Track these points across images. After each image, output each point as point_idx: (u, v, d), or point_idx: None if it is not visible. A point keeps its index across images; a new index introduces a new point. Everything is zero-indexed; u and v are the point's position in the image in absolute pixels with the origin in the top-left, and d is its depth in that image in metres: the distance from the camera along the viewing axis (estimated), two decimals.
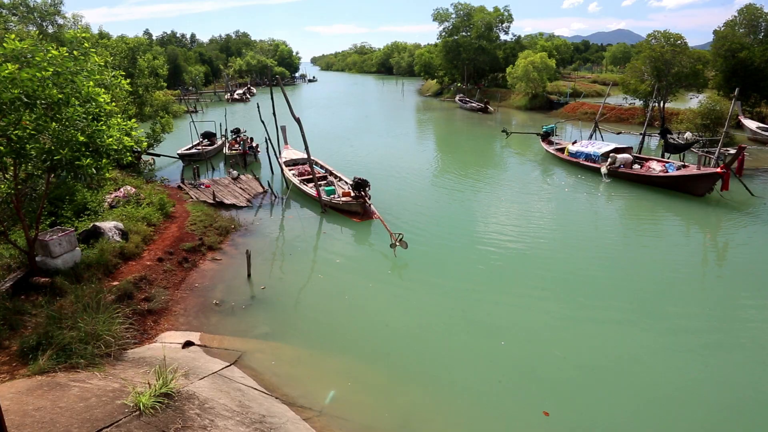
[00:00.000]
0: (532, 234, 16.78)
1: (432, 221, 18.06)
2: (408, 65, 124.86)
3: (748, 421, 8.31)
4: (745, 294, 12.94)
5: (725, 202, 20.07)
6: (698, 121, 32.16)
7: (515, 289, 12.81)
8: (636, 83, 41.32)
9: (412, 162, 27.99)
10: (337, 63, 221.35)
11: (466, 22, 67.89)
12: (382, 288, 13.04)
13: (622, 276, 13.75)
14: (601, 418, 8.31)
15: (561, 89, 60.47)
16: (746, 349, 10.36)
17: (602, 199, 21.29)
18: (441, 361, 9.88)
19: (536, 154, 30.59)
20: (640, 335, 10.77)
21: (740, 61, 40.90)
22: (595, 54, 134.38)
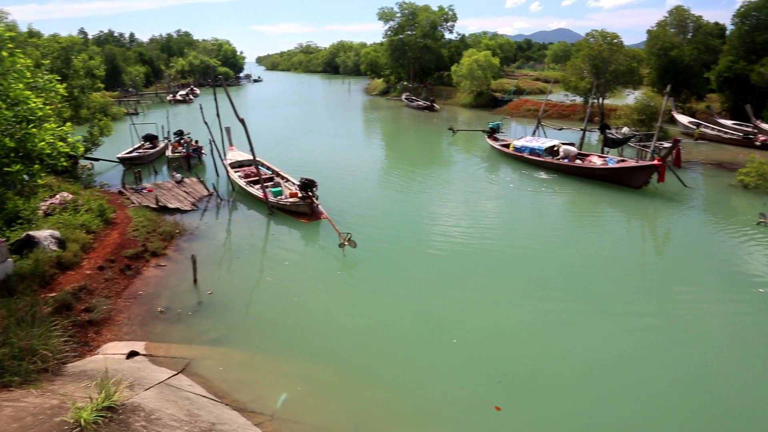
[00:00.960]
0: (480, 231, 17.05)
1: (381, 220, 18.11)
2: (354, 64, 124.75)
3: (684, 396, 8.70)
4: (681, 280, 13.56)
5: (661, 193, 20.95)
6: (635, 116, 33.48)
7: (465, 286, 12.95)
8: (576, 80, 42.67)
9: (360, 161, 28.00)
10: (283, 63, 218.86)
11: (411, 21, 68.36)
12: (331, 288, 12.96)
13: (568, 268, 14.11)
14: (552, 409, 8.49)
15: (505, 87, 61.72)
16: (683, 332, 10.82)
17: (546, 193, 21.83)
18: (393, 360, 9.89)
19: (482, 150, 31.10)
20: (588, 325, 11.10)
21: (671, 60, 42.77)
22: (537, 52, 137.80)
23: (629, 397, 8.76)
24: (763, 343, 10.50)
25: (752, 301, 12.26)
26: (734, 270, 14.08)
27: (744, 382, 9.24)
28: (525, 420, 8.24)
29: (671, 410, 8.45)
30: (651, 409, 8.46)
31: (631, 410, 8.47)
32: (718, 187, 22.84)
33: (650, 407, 8.49)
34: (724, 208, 20.20)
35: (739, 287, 13.02)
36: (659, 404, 8.58)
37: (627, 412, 8.45)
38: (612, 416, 8.37)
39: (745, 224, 17.37)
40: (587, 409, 8.48)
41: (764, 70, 35.70)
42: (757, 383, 9.20)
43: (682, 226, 18.03)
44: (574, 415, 8.32)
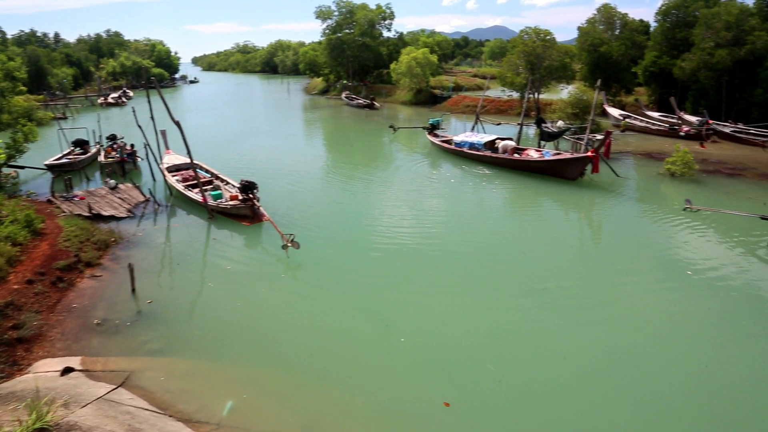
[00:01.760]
0: (423, 227, 17.19)
1: (324, 220, 17.99)
2: (293, 64, 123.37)
3: (630, 379, 9.06)
4: (618, 267, 14.13)
5: (595, 183, 21.74)
6: (569, 110, 34.57)
7: (411, 283, 13.02)
8: (512, 76, 43.66)
9: (301, 162, 27.73)
10: (220, 63, 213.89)
11: (349, 19, 68.18)
12: (276, 291, 12.78)
13: (511, 261, 14.44)
14: (500, 401, 8.64)
15: (444, 84, 62.53)
16: (623, 315, 11.29)
17: (487, 187, 22.26)
18: (341, 361, 9.84)
19: (423, 147, 31.39)
20: (532, 314, 11.38)
21: (601, 55, 44.44)
22: (474, 49, 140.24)
23: (578, 386, 9.05)
24: (696, 321, 11.15)
25: (683, 283, 12.93)
26: (666, 254, 14.80)
27: (682, 357, 9.77)
28: (473, 414, 8.35)
29: (619, 394, 8.81)
30: (598, 394, 8.79)
31: (580, 397, 8.75)
32: (647, 175, 23.92)
33: (597, 392, 8.83)
34: (654, 195, 21.16)
35: (671, 271, 13.68)
36: (606, 389, 8.93)
37: (575, 400, 8.71)
38: (560, 405, 8.60)
39: (673, 210, 18.25)
40: (535, 400, 8.68)
41: (685, 64, 37.53)
42: (695, 357, 9.76)
43: (617, 214, 18.79)
44: (522, 407, 8.51)
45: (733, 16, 35.28)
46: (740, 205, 18.15)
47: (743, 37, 34.95)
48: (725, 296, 12.28)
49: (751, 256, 14.51)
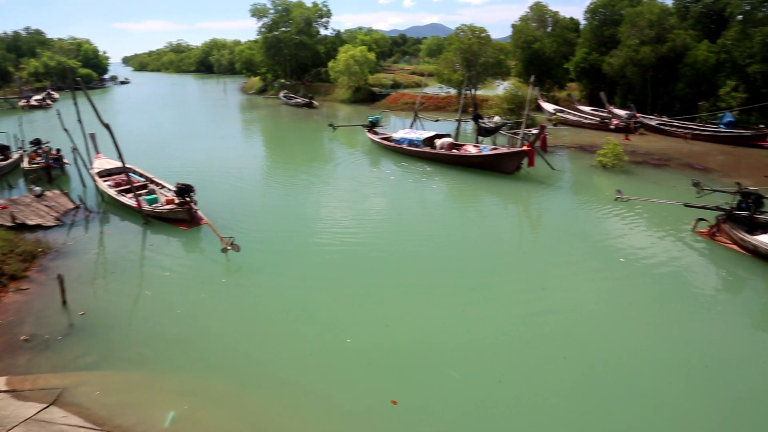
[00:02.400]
0: (366, 226, 17.18)
1: (265, 222, 17.69)
2: (229, 63, 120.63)
3: (572, 367, 9.33)
4: (556, 256, 14.56)
5: (532, 177, 22.33)
6: (504, 105, 35.41)
7: (354, 283, 12.95)
8: (449, 73, 44.30)
9: (240, 163, 27.15)
10: (152, 63, 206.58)
11: (285, 17, 67.24)
12: (217, 296, 12.43)
13: (453, 256, 14.59)
14: (448, 398, 8.68)
15: (382, 81, 62.70)
16: (564, 308, 11.60)
17: (427, 184, 22.46)
18: (286, 364, 9.69)
19: (363, 145, 31.39)
20: (476, 309, 11.53)
21: (534, 52, 45.68)
22: (412, 47, 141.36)
23: (523, 377, 9.24)
24: (631, 306, 11.65)
25: (618, 270, 13.45)
26: (600, 243, 15.39)
27: (622, 342, 10.19)
28: (421, 411, 8.39)
29: (562, 384, 9.04)
30: (543, 386, 8.99)
31: (524, 388, 8.95)
32: (581, 168, 24.79)
33: (542, 383, 9.04)
34: (587, 187, 21.98)
35: (606, 259, 14.22)
36: (550, 377, 9.15)
37: (520, 391, 8.89)
38: (506, 396, 8.77)
39: (606, 201, 18.96)
40: (479, 393, 8.80)
41: (613, 60, 39.12)
42: (634, 340, 10.22)
43: (553, 206, 19.40)
44: (469, 403, 8.58)
45: (654, 15, 37.03)
46: (666, 194, 19.05)
47: (665, 35, 36.77)
48: (656, 280, 12.89)
49: (677, 241, 15.28)
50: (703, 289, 12.81)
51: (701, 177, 21.02)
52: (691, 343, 10.25)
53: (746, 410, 8.39)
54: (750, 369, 9.49)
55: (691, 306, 11.75)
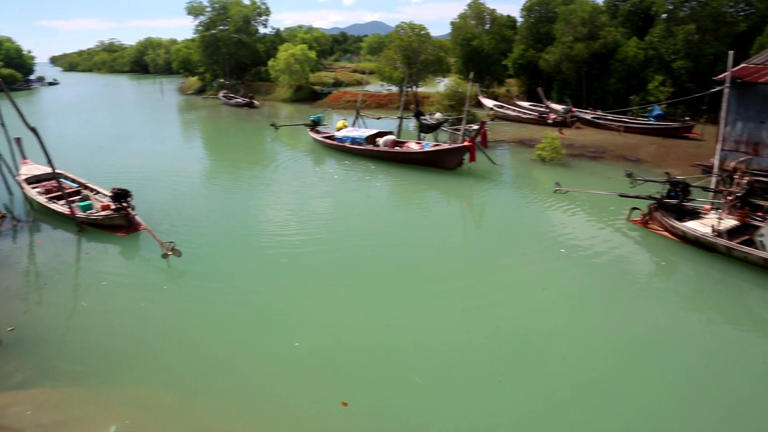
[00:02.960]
0: (311, 226, 16.82)
1: (208, 226, 17.04)
2: (165, 62, 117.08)
3: (515, 356, 9.42)
4: (500, 249, 14.72)
5: (474, 172, 22.59)
6: (445, 102, 35.73)
7: (300, 286, 12.61)
8: (390, 71, 44.40)
9: (180, 165, 26.24)
10: (83, 62, 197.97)
11: (222, 15, 65.72)
12: (158, 304, 11.87)
13: (399, 254, 14.49)
14: (400, 398, 8.56)
15: (324, 80, 62.31)
16: (510, 300, 11.75)
17: (371, 182, 22.37)
18: (234, 370, 9.32)
19: (306, 144, 31.02)
20: (424, 305, 11.47)
21: (474, 49, 46.37)
22: (353, 45, 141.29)
23: (472, 370, 9.23)
24: (573, 294, 11.96)
25: (559, 261, 13.74)
26: (541, 235, 15.68)
27: (567, 330, 10.40)
28: (372, 411, 8.26)
29: (514, 373, 9.09)
30: (491, 375, 9.02)
31: (475, 382, 8.92)
32: (521, 162, 25.28)
33: (490, 373, 9.06)
34: (528, 180, 22.42)
35: (547, 250, 14.47)
36: (499, 369, 9.18)
37: (469, 386, 8.86)
38: (457, 393, 8.71)
39: (545, 193, 19.37)
40: (434, 394, 8.67)
41: (549, 57, 40.20)
42: (578, 327, 10.47)
43: (495, 200, 19.68)
44: (422, 402, 8.47)
45: (587, 13, 38.34)
46: (602, 185, 19.63)
47: (596, 32, 38.15)
48: (596, 268, 13.29)
49: (613, 230, 15.77)
50: (639, 274, 13.33)
51: (634, 168, 21.77)
52: (632, 325, 10.63)
53: (684, 381, 8.73)
54: (683, 345, 9.92)
55: (629, 291, 12.17)
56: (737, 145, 18.92)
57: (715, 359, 9.56)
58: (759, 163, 18.25)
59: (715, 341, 10.29)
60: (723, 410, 8.19)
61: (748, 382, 8.92)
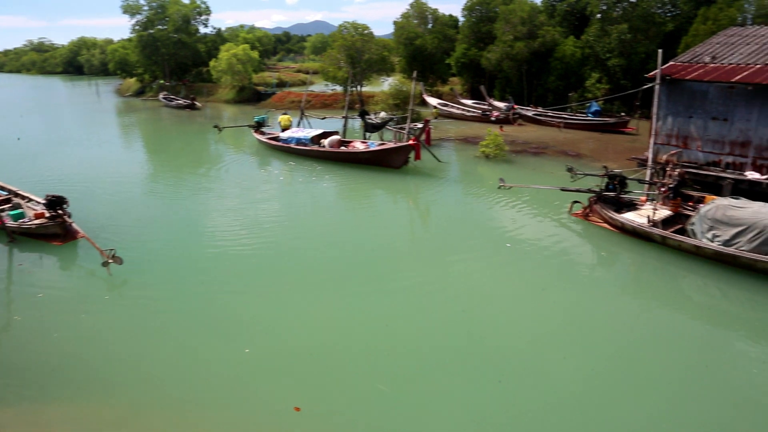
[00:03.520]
0: (258, 230, 16.41)
1: (151, 232, 16.37)
2: (101, 63, 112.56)
3: (465, 351, 9.51)
4: (448, 246, 14.83)
5: (419, 170, 22.73)
6: (390, 101, 35.89)
7: (248, 290, 12.33)
8: (334, 70, 44.20)
9: (120, 170, 25.16)
10: (10, 63, 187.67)
11: (161, 14, 63.74)
12: (99, 315, 11.32)
13: (348, 253, 14.40)
14: (353, 401, 8.48)
15: (267, 80, 61.49)
16: (459, 295, 11.86)
17: (317, 182, 22.17)
18: (181, 379, 9.03)
19: (250, 145, 30.49)
20: (375, 304, 11.46)
21: (417, 48, 46.74)
22: (297, 44, 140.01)
23: (423, 366, 9.28)
24: (521, 286, 12.29)
25: (506, 255, 14.03)
26: (487, 230, 15.99)
27: (516, 322, 10.68)
28: (326, 415, 8.16)
29: (466, 366, 9.21)
30: (442, 369, 9.08)
31: (426, 378, 8.97)
32: (465, 159, 25.65)
33: (441, 368, 9.14)
34: (472, 177, 22.75)
35: (494, 244, 14.75)
36: (451, 363, 9.27)
37: (422, 383, 8.89)
38: (409, 390, 8.71)
39: (490, 189, 19.66)
40: (387, 396, 8.61)
41: (490, 55, 40.92)
42: (526, 319, 10.74)
43: (441, 197, 19.87)
44: (375, 404, 8.43)
45: (525, 13, 39.25)
46: (544, 180, 20.10)
47: (535, 32, 39.12)
48: (540, 261, 13.63)
49: (556, 223, 16.21)
50: (582, 265, 13.80)
51: (574, 162, 22.42)
52: (577, 313, 11.00)
53: (625, 361, 9.08)
54: (624, 330, 10.39)
55: (573, 281, 12.57)
56: (668, 138, 19.76)
57: (654, 340, 10.00)
58: (689, 156, 19.10)
59: (653, 324, 10.74)
60: (662, 384, 8.55)
61: (683, 358, 9.43)
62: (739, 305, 11.75)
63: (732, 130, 18.19)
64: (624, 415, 7.98)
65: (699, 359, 9.49)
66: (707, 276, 12.63)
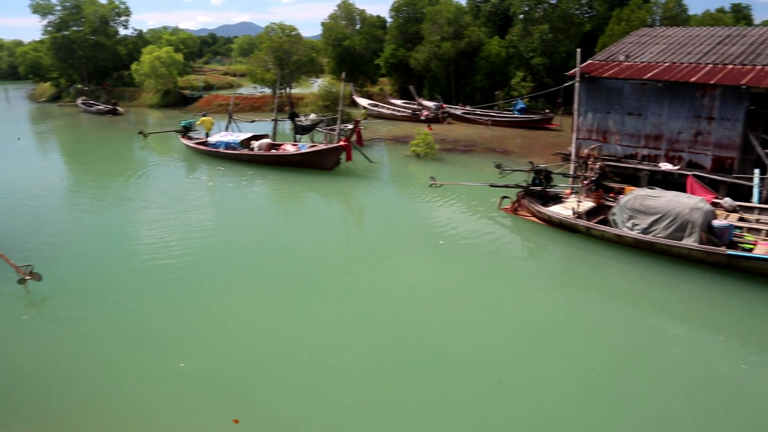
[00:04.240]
0: (189, 239, 15.65)
1: (72, 245, 15.35)
2: (10, 66, 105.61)
3: (405, 346, 9.53)
4: (383, 245, 14.89)
5: (351, 171, 22.69)
6: (320, 102, 35.65)
7: (182, 301, 11.78)
8: (262, 73, 43.51)
9: (37, 181, 23.47)
10: None
11: (76, 15, 60.54)
12: (16, 336, 10.48)
13: (287, 259, 14.09)
14: (292, 410, 8.27)
15: (193, 83, 59.80)
16: (398, 293, 11.94)
17: (249, 187, 21.69)
18: (112, 399, 8.53)
19: (178, 151, 29.51)
20: (314, 308, 11.29)
21: (345, 49, 46.69)
22: (223, 46, 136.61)
23: (366, 365, 9.26)
24: (457, 282, 12.44)
25: (440, 252, 14.19)
26: (420, 228, 16.13)
27: (456, 316, 10.79)
28: (266, 426, 7.97)
29: (408, 361, 9.23)
30: (382, 366, 9.04)
31: (370, 377, 8.97)
32: (397, 159, 25.82)
33: (381, 364, 9.10)
34: (404, 176, 22.93)
35: (426, 242, 14.93)
36: (390, 359, 9.24)
37: (365, 382, 8.88)
38: (353, 391, 8.64)
39: (422, 187, 19.86)
40: (326, 404, 8.45)
41: (418, 56, 41.46)
42: (466, 313, 10.90)
43: (375, 198, 19.91)
44: (316, 412, 8.25)
45: (451, 13, 40.04)
46: (474, 176, 20.50)
47: (462, 32, 39.95)
48: (472, 256, 13.90)
49: (487, 219, 16.58)
50: (512, 258, 14.22)
51: (502, 159, 23.00)
52: (509, 305, 11.36)
53: (554, 347, 9.35)
54: (554, 316, 10.78)
55: (504, 273, 12.96)
56: (589, 133, 20.61)
57: (581, 325, 10.49)
58: (608, 149, 20.00)
59: (579, 311, 11.23)
60: (591, 364, 8.95)
61: (610, 340, 9.94)
62: (658, 289, 12.41)
63: (646, 124, 19.18)
64: (556, 397, 8.22)
65: (625, 340, 9.98)
66: (629, 263, 13.26)
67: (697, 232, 12.40)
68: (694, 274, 12.26)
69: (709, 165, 17.99)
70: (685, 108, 18.16)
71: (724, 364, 9.14)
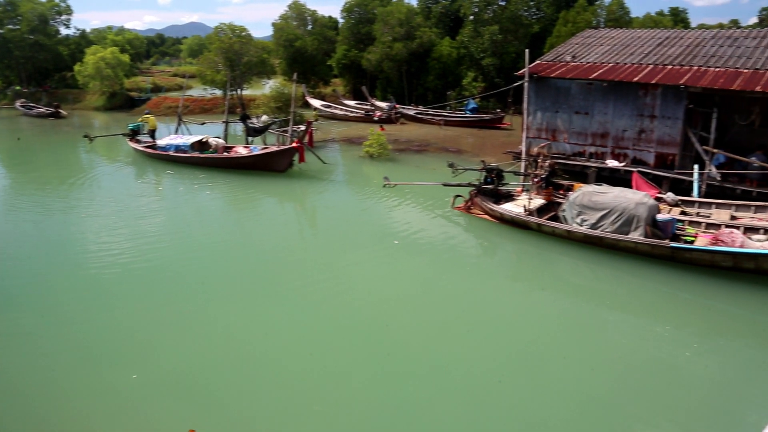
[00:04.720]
0: (138, 245, 15.01)
1: (15, 257, 14.55)
2: None
3: (367, 344, 9.49)
4: (338, 246, 14.87)
5: (304, 172, 22.50)
6: (272, 104, 35.20)
7: (134, 310, 11.29)
8: (212, 74, 42.70)
9: None
10: None
11: (11, 13, 57.89)
12: None
13: (241, 264, 13.85)
14: (252, 417, 8.10)
15: (141, 85, 58.24)
16: (354, 293, 11.89)
17: (200, 190, 21.21)
18: (60, 416, 8.17)
19: (126, 155, 28.65)
20: (274, 311, 11.20)
21: (297, 50, 46.43)
22: (172, 47, 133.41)
23: (324, 366, 9.16)
24: (406, 280, 12.51)
25: (394, 251, 14.28)
26: (375, 228, 16.15)
27: (414, 314, 10.83)
28: None
29: (369, 359, 9.20)
30: (342, 366, 8.95)
31: (326, 378, 8.83)
32: (350, 159, 25.78)
33: (340, 365, 9.01)
34: (358, 177, 22.91)
35: (381, 241, 14.93)
36: (351, 359, 9.16)
37: (324, 384, 8.78)
38: (312, 395, 8.56)
39: (375, 188, 19.89)
40: (287, 411, 8.35)
41: (371, 56, 41.53)
42: (425, 310, 10.99)
43: (328, 199, 19.80)
44: (276, 420, 8.13)
45: (403, 14, 40.26)
46: (427, 176, 20.68)
47: (413, 33, 40.22)
48: (427, 254, 14.03)
49: (440, 218, 16.75)
50: (467, 255, 14.41)
51: (455, 158, 23.20)
52: (464, 301, 11.47)
53: (508, 339, 9.48)
54: (508, 312, 11.04)
55: (459, 271, 13.08)
56: (539, 132, 21.05)
57: (534, 319, 10.72)
58: (557, 148, 20.49)
59: (532, 306, 11.45)
60: (543, 357, 9.11)
61: (560, 333, 10.17)
62: (606, 282, 12.81)
63: (593, 122, 19.73)
64: (508, 390, 8.35)
65: (575, 332, 10.26)
66: (579, 257, 13.61)
67: (643, 226, 12.81)
68: (640, 267, 12.67)
69: (652, 161, 18.64)
70: (629, 107, 18.78)
71: (669, 352, 9.48)
